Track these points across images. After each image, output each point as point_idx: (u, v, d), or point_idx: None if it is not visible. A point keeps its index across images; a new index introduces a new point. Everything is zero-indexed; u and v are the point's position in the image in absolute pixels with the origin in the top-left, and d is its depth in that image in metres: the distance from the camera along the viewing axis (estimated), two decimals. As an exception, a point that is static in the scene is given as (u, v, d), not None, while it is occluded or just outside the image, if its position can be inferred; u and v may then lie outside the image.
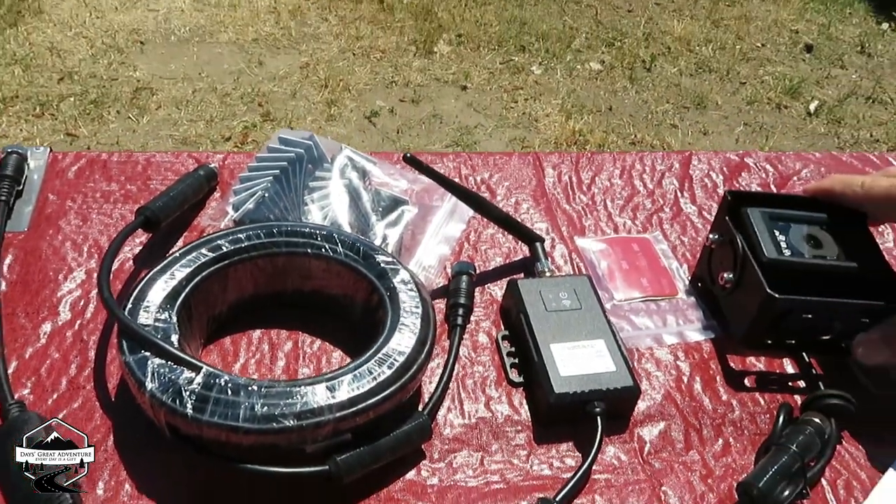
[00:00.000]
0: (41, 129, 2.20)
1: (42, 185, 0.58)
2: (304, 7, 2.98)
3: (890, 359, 0.48)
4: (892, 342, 0.47)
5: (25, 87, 2.37)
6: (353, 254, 0.49)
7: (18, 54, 2.52)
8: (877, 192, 0.51)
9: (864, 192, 0.51)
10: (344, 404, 0.40)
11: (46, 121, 2.24)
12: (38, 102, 2.30)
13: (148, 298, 0.44)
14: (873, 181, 0.52)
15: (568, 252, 0.59)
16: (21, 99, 2.31)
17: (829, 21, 3.32)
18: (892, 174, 0.52)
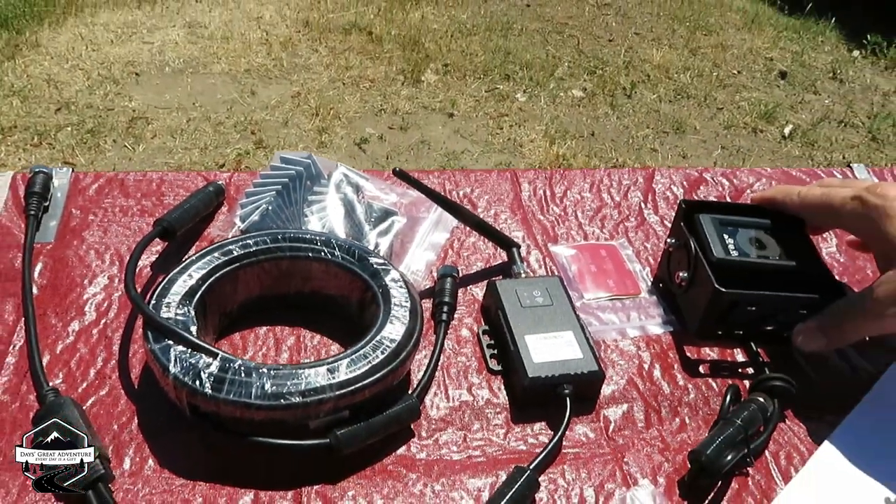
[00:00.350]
0: (39, 158, 2.26)
1: (66, 202, 0.64)
2: (294, 39, 3.08)
3: (825, 346, 0.54)
4: (826, 331, 0.54)
5: (24, 118, 2.43)
6: (350, 256, 0.55)
7: (16, 86, 2.59)
8: (811, 200, 0.57)
9: (800, 200, 0.57)
10: (343, 384, 0.46)
11: (44, 150, 2.30)
12: (35, 132, 2.37)
13: (169, 295, 0.50)
14: (808, 190, 0.58)
15: (542, 257, 0.65)
16: (19, 129, 2.38)
17: (802, 49, 3.45)
18: (826, 184, 0.59)
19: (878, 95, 3.16)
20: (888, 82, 3.28)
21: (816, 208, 0.57)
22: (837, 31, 3.65)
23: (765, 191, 0.61)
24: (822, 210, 0.57)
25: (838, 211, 0.55)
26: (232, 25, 3.13)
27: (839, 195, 0.55)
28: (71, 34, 2.94)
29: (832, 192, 0.56)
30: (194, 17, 3.16)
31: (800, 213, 0.59)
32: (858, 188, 0.54)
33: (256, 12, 3.26)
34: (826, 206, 0.56)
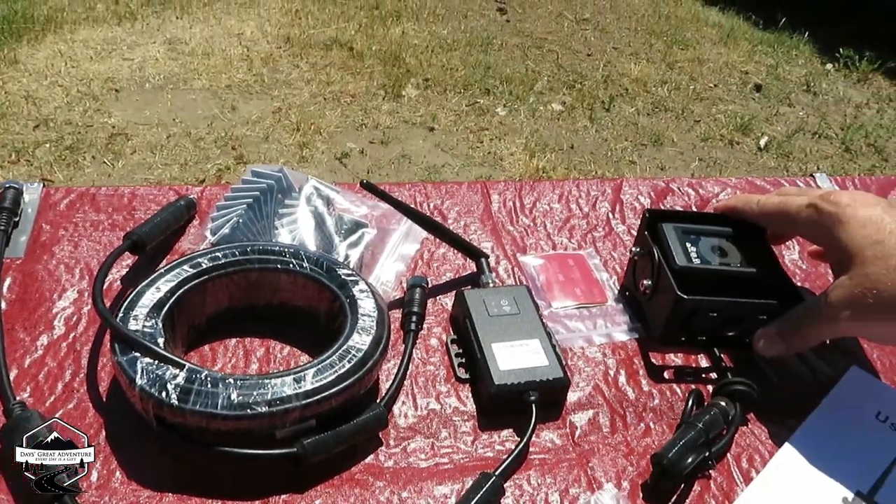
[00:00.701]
0: (17, 175, 2.25)
1: (36, 217, 0.64)
2: (275, 55, 3.09)
3: (785, 351, 0.56)
4: (786, 336, 0.55)
5: (1, 135, 2.42)
6: (318, 268, 0.55)
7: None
8: (769, 208, 0.58)
9: (759, 209, 0.59)
10: (309, 393, 0.47)
11: (22, 166, 2.29)
12: (13, 149, 2.35)
13: (137, 308, 0.50)
14: (767, 199, 0.59)
15: (511, 267, 0.66)
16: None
17: (777, 62, 3.51)
18: (784, 193, 0.60)
19: (850, 107, 3.22)
20: (860, 94, 3.34)
21: (774, 216, 0.58)
22: (811, 44, 3.72)
23: (727, 199, 0.63)
24: (780, 218, 0.58)
25: (794, 219, 0.56)
26: (213, 42, 3.13)
27: (795, 203, 0.56)
28: (50, 51, 2.93)
29: (789, 200, 0.57)
30: (175, 34, 3.17)
31: (759, 222, 0.60)
32: (813, 196, 0.55)
33: (237, 28, 3.27)
34: (783, 213, 0.57)
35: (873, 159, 2.86)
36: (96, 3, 3.36)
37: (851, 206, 0.52)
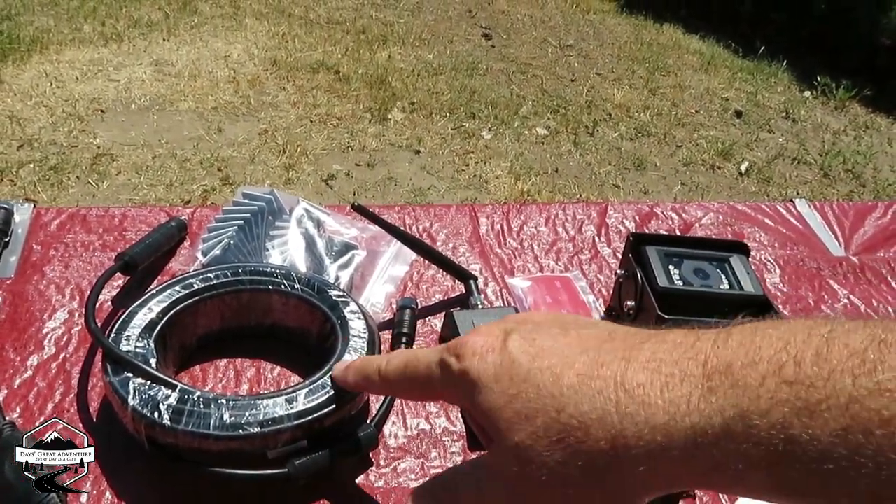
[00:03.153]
0: (0, 195, 2.23)
1: (27, 237, 0.64)
2: (262, 77, 3.11)
3: None
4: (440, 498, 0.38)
5: (-16, 155, 2.40)
6: (309, 289, 0.56)
7: (-22, 123, 2.56)
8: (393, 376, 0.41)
9: (381, 379, 0.41)
10: (301, 413, 0.47)
11: (5, 186, 2.28)
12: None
13: (129, 328, 0.50)
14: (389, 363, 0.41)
15: (499, 289, 0.67)
16: (-20, 166, 2.35)
17: (757, 89, 3.59)
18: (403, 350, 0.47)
19: (828, 134, 3.29)
20: (838, 121, 3.42)
21: (405, 387, 0.42)
22: (789, 72, 3.81)
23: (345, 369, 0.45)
24: (412, 388, 0.41)
25: (427, 385, 0.38)
26: (199, 63, 3.15)
27: (423, 362, 0.38)
28: (35, 71, 2.93)
29: (417, 360, 0.39)
30: (161, 56, 3.18)
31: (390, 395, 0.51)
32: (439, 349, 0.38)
33: (224, 51, 3.29)
34: (413, 381, 0.39)
35: (851, 185, 2.92)
36: (83, 25, 3.37)
37: (480, 356, 0.35)
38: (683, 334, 0.32)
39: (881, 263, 0.77)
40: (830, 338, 0.27)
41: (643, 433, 0.29)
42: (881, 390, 0.25)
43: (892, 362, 0.26)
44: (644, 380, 0.30)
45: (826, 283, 0.74)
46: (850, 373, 0.26)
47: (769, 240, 0.79)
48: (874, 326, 0.27)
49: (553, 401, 0.32)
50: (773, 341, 0.29)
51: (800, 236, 0.80)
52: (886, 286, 0.75)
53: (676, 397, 0.29)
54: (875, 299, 0.73)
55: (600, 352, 0.33)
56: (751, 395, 0.28)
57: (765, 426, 0.27)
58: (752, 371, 0.28)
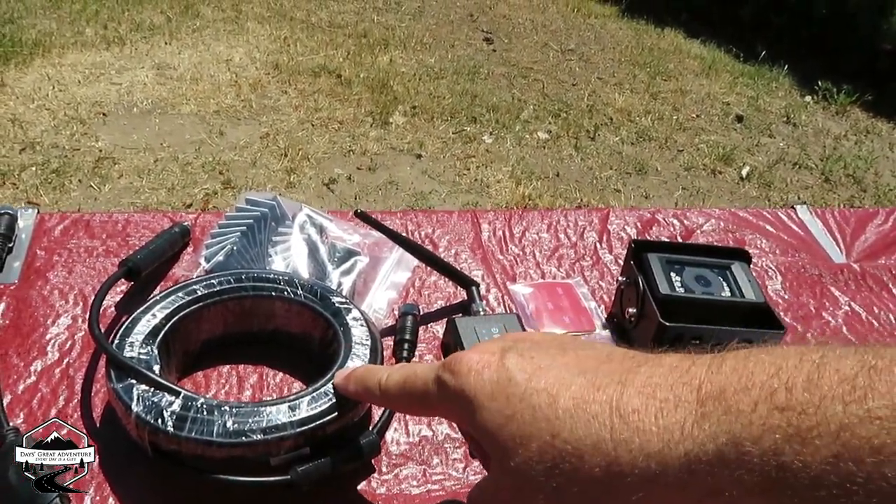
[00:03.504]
0: (2, 198, 2.24)
1: (30, 242, 0.64)
2: (264, 81, 3.11)
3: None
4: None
5: (-14, 158, 2.41)
6: (312, 295, 0.56)
7: (-20, 126, 2.56)
8: (392, 391, 0.41)
9: (381, 394, 0.42)
10: (304, 420, 0.47)
11: (8, 189, 2.28)
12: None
13: (132, 335, 0.50)
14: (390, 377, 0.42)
15: (501, 295, 0.68)
16: (-18, 169, 2.35)
17: (758, 94, 3.59)
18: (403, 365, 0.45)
19: (829, 139, 3.29)
20: (839, 126, 3.42)
21: (403, 402, 0.42)
22: (790, 77, 3.81)
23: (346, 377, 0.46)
24: (411, 404, 0.42)
25: (425, 401, 0.39)
26: (201, 67, 3.15)
27: (421, 380, 0.39)
28: (38, 74, 2.93)
29: (416, 376, 0.40)
30: (163, 59, 3.19)
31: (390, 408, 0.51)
32: (436, 366, 0.38)
33: (226, 55, 3.29)
34: (411, 397, 0.40)
35: (852, 189, 2.92)
36: (85, 28, 3.38)
37: (476, 372, 0.35)
38: (679, 359, 0.32)
39: (882, 270, 0.77)
40: (822, 363, 0.28)
41: (638, 460, 0.30)
42: (871, 418, 0.25)
43: (882, 389, 0.26)
44: (639, 405, 0.31)
45: (827, 289, 0.74)
46: (840, 399, 0.26)
47: (770, 246, 0.79)
48: (865, 353, 0.27)
49: (548, 424, 0.32)
50: (766, 367, 0.29)
51: (801, 243, 0.80)
52: (888, 293, 0.75)
53: (671, 424, 0.30)
54: (876, 306, 0.73)
55: (597, 374, 0.33)
56: (743, 421, 0.28)
57: (757, 453, 0.27)
58: (745, 397, 0.28)
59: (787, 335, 0.67)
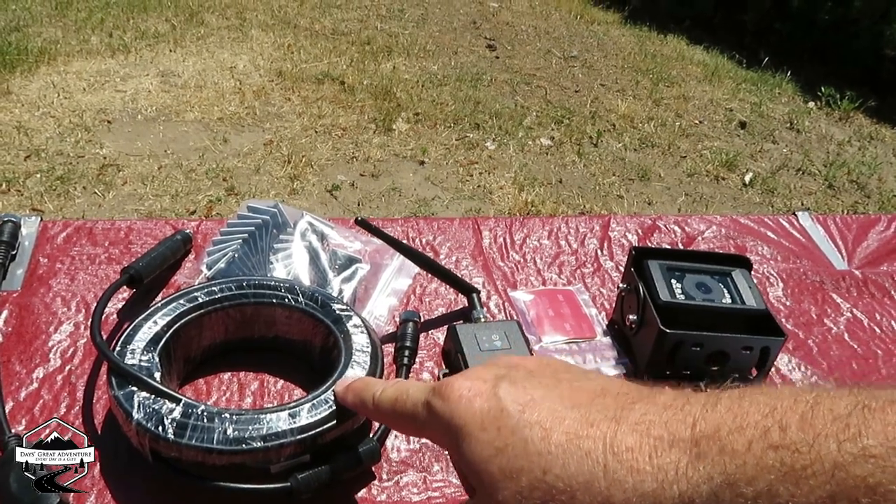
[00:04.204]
0: (7, 205, 2.25)
1: (33, 250, 0.65)
2: (268, 88, 3.12)
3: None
4: None
5: (-8, 165, 2.42)
6: (313, 303, 0.56)
7: (-14, 133, 2.58)
8: (384, 407, 0.41)
9: (375, 408, 0.42)
10: (304, 428, 0.47)
11: (12, 196, 2.29)
12: (3, 179, 2.35)
13: (134, 342, 0.51)
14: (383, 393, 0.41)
15: (502, 302, 0.68)
16: (-13, 176, 2.36)
17: (761, 100, 3.59)
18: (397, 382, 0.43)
19: (833, 145, 3.29)
20: (842, 132, 3.42)
21: (393, 420, 0.41)
22: (793, 83, 3.81)
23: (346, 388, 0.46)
24: (400, 423, 0.41)
25: (415, 422, 0.38)
26: (205, 75, 3.17)
27: (412, 401, 0.38)
28: (43, 82, 2.95)
29: (407, 395, 0.39)
30: (168, 67, 3.20)
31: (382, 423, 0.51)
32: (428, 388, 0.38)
33: (230, 62, 3.31)
34: (401, 416, 0.40)
35: (856, 195, 2.92)
36: (90, 36, 3.40)
37: (466, 399, 0.35)
38: (674, 396, 0.32)
39: (884, 277, 0.77)
40: (815, 403, 0.27)
41: (631, 500, 0.29)
42: (866, 456, 0.25)
43: (876, 428, 0.26)
44: (633, 443, 0.30)
45: (829, 296, 0.74)
46: (835, 438, 0.26)
47: (772, 253, 0.79)
48: (859, 393, 0.27)
49: (540, 459, 0.31)
50: (761, 406, 0.29)
51: (802, 250, 0.80)
52: (889, 300, 0.75)
53: (665, 463, 0.29)
54: (878, 313, 0.73)
55: (591, 409, 0.32)
56: (738, 461, 0.28)
57: (752, 494, 0.27)
58: (740, 436, 0.28)
59: (789, 342, 0.67)
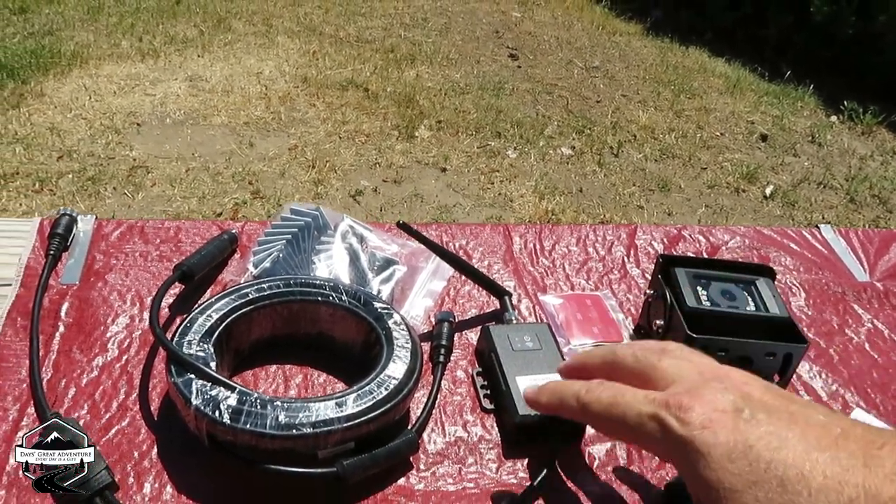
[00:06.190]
0: (40, 204, 2.31)
1: (90, 246, 0.68)
2: (293, 94, 3.18)
3: None
4: None
5: (26, 164, 2.49)
6: (356, 301, 0.59)
7: (20, 133, 2.65)
8: (596, 410, 0.43)
9: (580, 407, 0.44)
10: (350, 417, 0.50)
11: (45, 196, 2.35)
12: (37, 178, 2.42)
13: (190, 333, 0.54)
14: (590, 395, 0.43)
15: (532, 306, 0.70)
16: (21, 175, 2.43)
17: (783, 113, 3.59)
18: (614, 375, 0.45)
19: (855, 159, 3.28)
20: (864, 146, 3.41)
21: (605, 423, 0.43)
22: (815, 97, 3.81)
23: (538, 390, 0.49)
24: (614, 427, 0.43)
25: (635, 431, 0.40)
26: (232, 80, 3.23)
27: (634, 410, 0.40)
28: (75, 85, 3.02)
29: (626, 402, 0.41)
30: (196, 71, 3.27)
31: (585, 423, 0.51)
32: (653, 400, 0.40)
33: (256, 68, 3.37)
34: (617, 422, 0.41)
35: (878, 210, 2.91)
36: (121, 40, 3.47)
37: (709, 429, 0.36)
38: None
39: (905, 289, 0.79)
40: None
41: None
42: None
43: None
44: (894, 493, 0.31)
45: (850, 307, 0.76)
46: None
47: (794, 264, 0.81)
48: None
49: (799, 499, 0.33)
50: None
51: (825, 261, 0.82)
52: (910, 312, 0.76)
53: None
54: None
55: (839, 453, 0.34)
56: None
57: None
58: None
59: (810, 350, 0.69)
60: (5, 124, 2.68)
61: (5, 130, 2.65)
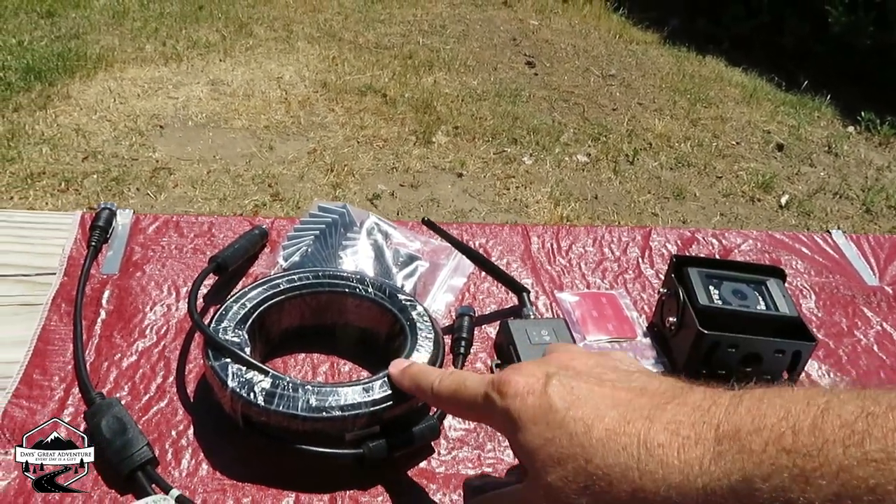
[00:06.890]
0: (65, 203, 2.36)
1: (128, 239, 0.72)
2: (312, 98, 3.22)
3: None
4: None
5: (52, 165, 2.55)
6: (381, 293, 0.62)
7: (47, 134, 2.71)
8: (444, 394, 0.46)
9: (434, 394, 0.47)
10: (376, 401, 0.53)
11: (71, 195, 2.41)
12: (63, 178, 2.47)
13: (225, 321, 0.57)
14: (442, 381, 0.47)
15: (549, 303, 0.73)
16: (48, 175, 2.49)
17: (799, 123, 3.59)
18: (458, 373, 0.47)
19: (871, 170, 3.28)
20: (881, 157, 3.40)
21: (453, 407, 0.48)
22: (832, 107, 3.81)
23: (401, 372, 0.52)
24: (460, 410, 0.47)
25: (474, 410, 0.44)
26: (253, 84, 3.28)
27: (470, 390, 0.44)
28: (100, 87, 3.09)
29: (465, 387, 0.45)
30: (217, 76, 3.32)
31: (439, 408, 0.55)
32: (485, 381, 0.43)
33: (277, 73, 3.42)
34: (461, 405, 0.45)
35: (894, 221, 2.91)
36: (145, 45, 3.54)
37: (520, 397, 0.40)
38: (702, 398, 0.37)
39: (914, 294, 0.81)
40: (826, 409, 0.32)
41: (660, 489, 0.34)
42: (868, 460, 0.29)
43: (877, 434, 0.30)
44: (664, 440, 0.35)
45: (860, 310, 0.78)
46: (841, 443, 0.30)
47: (805, 267, 0.83)
48: (864, 398, 0.32)
49: (583, 450, 0.37)
50: (777, 409, 0.33)
51: (835, 265, 0.84)
52: (918, 315, 0.78)
53: (691, 459, 0.34)
54: (907, 327, 0.76)
55: (629, 408, 0.38)
56: (755, 460, 0.32)
57: (767, 490, 0.31)
58: (757, 437, 0.33)
59: (819, 350, 0.71)
60: (32, 125, 2.75)
61: (32, 131, 2.71)
